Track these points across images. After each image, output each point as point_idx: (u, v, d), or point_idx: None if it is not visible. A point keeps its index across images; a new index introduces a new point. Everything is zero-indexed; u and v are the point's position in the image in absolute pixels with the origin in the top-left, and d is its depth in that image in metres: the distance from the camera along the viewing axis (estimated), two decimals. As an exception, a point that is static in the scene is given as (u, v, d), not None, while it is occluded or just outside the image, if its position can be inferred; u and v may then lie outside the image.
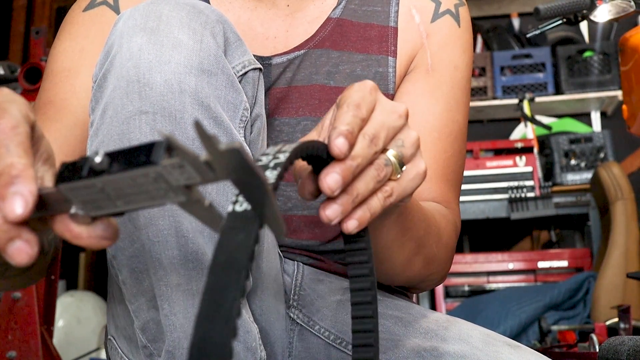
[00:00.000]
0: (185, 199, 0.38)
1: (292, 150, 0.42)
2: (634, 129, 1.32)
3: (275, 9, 0.85)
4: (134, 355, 0.69)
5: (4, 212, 0.36)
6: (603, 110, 3.57)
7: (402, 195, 0.52)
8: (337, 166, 0.46)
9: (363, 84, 0.51)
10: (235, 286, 0.33)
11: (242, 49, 0.67)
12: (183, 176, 0.36)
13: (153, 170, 0.36)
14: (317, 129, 0.53)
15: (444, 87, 0.84)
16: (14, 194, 0.36)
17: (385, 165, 0.50)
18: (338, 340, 0.73)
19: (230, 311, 0.32)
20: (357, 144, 0.48)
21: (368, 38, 0.84)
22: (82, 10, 0.83)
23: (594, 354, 1.52)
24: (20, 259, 0.37)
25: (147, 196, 0.37)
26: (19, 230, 0.37)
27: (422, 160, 0.53)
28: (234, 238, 0.35)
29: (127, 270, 0.62)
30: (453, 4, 0.88)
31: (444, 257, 0.76)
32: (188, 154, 0.35)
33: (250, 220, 0.36)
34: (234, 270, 0.33)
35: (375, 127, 0.49)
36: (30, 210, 0.37)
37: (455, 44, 0.86)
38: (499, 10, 3.77)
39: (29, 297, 1.68)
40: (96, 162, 0.36)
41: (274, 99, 0.82)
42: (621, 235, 2.38)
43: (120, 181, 0.36)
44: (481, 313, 2.48)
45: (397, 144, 0.51)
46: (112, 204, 0.38)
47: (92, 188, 0.37)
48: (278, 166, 0.40)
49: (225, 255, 0.34)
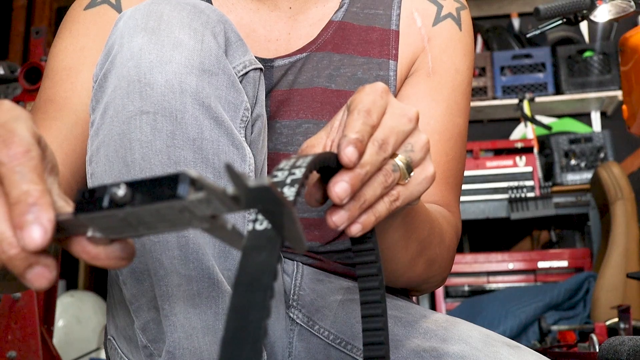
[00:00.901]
0: (208, 226, 0.37)
1: (307, 165, 0.42)
2: (634, 129, 1.32)
3: (278, 11, 0.86)
4: (133, 355, 0.69)
5: (23, 241, 0.36)
6: (603, 110, 3.57)
7: (409, 199, 0.52)
8: (345, 175, 0.46)
9: (374, 87, 0.51)
10: (260, 306, 0.32)
11: (243, 49, 0.67)
12: (209, 208, 0.36)
13: (179, 204, 0.35)
14: (327, 129, 0.53)
15: (445, 90, 0.84)
16: (32, 222, 0.36)
17: (393, 171, 0.50)
18: (338, 340, 0.73)
19: (256, 332, 0.32)
20: (366, 151, 0.48)
21: (369, 41, 0.84)
22: (83, 8, 0.83)
23: (594, 354, 1.52)
24: (39, 284, 0.37)
25: (170, 224, 0.37)
26: (37, 257, 0.37)
27: (431, 164, 0.53)
28: (257, 258, 0.35)
29: (128, 271, 0.62)
30: (455, 8, 0.88)
31: (446, 259, 0.76)
32: (216, 191, 0.35)
33: (272, 238, 0.36)
34: (258, 290, 0.33)
35: (385, 133, 0.49)
36: (50, 238, 0.36)
37: (456, 47, 0.86)
38: (499, 10, 3.77)
39: (29, 297, 1.68)
40: (119, 196, 0.35)
41: (275, 101, 0.82)
42: (621, 235, 2.38)
43: (143, 213, 0.36)
44: (481, 313, 2.48)
45: (407, 148, 0.51)
46: (133, 230, 0.37)
47: (112, 217, 0.36)
48: (295, 183, 0.40)
49: (248, 276, 0.34)
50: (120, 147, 0.59)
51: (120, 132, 0.59)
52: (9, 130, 0.39)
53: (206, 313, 0.60)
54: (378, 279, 0.53)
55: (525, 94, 3.26)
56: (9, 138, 0.38)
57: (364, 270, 0.53)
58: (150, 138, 0.58)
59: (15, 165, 0.37)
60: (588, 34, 3.65)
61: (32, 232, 0.36)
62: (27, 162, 0.38)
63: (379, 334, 0.52)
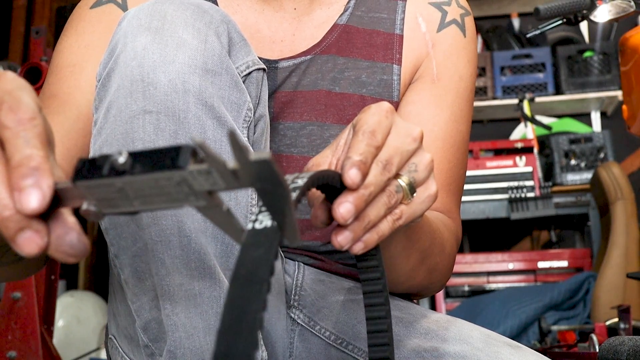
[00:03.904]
0: (205, 204, 0.38)
1: (309, 177, 0.43)
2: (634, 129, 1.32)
3: (282, 11, 0.86)
4: (134, 354, 0.69)
5: (20, 204, 0.36)
6: (603, 110, 3.57)
7: (412, 217, 0.53)
8: (349, 196, 0.47)
9: (379, 107, 0.52)
10: (256, 299, 0.33)
11: (246, 49, 0.67)
12: (208, 182, 0.36)
13: (178, 174, 0.35)
14: (332, 147, 0.53)
15: (449, 97, 0.84)
16: (32, 186, 0.36)
17: (397, 192, 0.51)
18: (339, 341, 0.73)
19: (252, 323, 0.32)
20: (370, 171, 0.48)
21: (374, 45, 0.85)
22: (89, 7, 0.83)
23: (594, 354, 1.52)
24: (29, 249, 0.37)
25: (167, 198, 0.37)
26: (30, 220, 0.37)
27: (434, 183, 0.54)
28: (254, 253, 0.35)
29: (130, 270, 0.62)
30: (459, 14, 0.88)
31: (446, 266, 0.77)
32: (218, 161, 0.35)
33: (270, 236, 0.36)
34: (255, 283, 0.34)
35: (390, 153, 0.50)
36: (47, 204, 0.36)
37: (460, 54, 0.86)
38: (499, 10, 3.77)
39: (29, 297, 1.68)
40: (119, 162, 0.36)
41: (279, 102, 0.82)
42: (621, 235, 2.38)
43: (141, 183, 0.36)
44: (481, 313, 2.48)
45: (410, 168, 0.52)
46: (129, 203, 0.38)
47: (110, 187, 0.37)
48: (296, 189, 0.41)
49: (245, 269, 0.34)
50: (123, 146, 0.59)
51: (123, 131, 0.59)
52: (16, 97, 0.39)
53: (207, 313, 0.60)
54: (383, 295, 0.54)
55: (525, 94, 3.26)
56: (15, 104, 0.39)
57: (369, 287, 0.54)
58: (153, 137, 0.58)
59: (21, 130, 0.38)
60: (588, 34, 3.65)
61: (30, 195, 0.36)
62: (32, 128, 0.38)
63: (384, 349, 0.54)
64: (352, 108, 0.82)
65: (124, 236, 0.61)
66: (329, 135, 0.81)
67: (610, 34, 3.51)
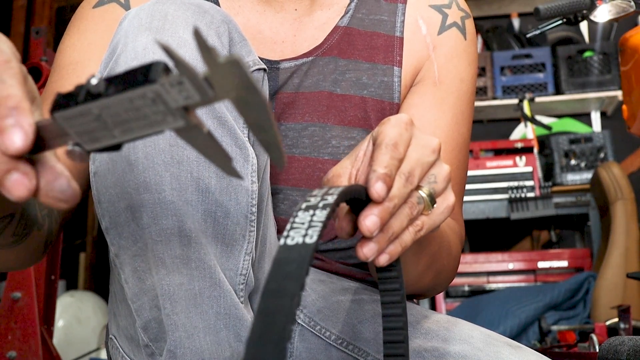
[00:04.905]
0: (183, 124, 0.37)
1: (339, 193, 0.44)
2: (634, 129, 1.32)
3: (284, 12, 0.86)
4: (135, 354, 0.69)
5: (4, 145, 0.35)
6: (603, 110, 3.57)
7: (432, 227, 0.54)
8: (375, 208, 0.48)
9: (399, 120, 0.52)
10: (287, 312, 0.34)
11: (246, 49, 0.67)
12: (181, 95, 0.35)
13: (150, 89, 0.35)
14: (351, 157, 0.54)
15: (451, 100, 0.84)
16: (13, 126, 0.35)
17: (418, 203, 0.52)
18: (339, 341, 0.73)
19: (281, 334, 0.33)
20: (394, 184, 0.49)
21: (374, 47, 0.85)
22: (92, 6, 0.83)
23: (594, 354, 1.52)
24: (19, 192, 0.36)
25: (145, 122, 0.37)
26: (17, 162, 0.36)
27: (451, 193, 0.55)
28: (286, 268, 0.36)
29: (130, 269, 0.62)
30: (459, 17, 0.88)
31: (452, 268, 0.78)
32: (187, 67, 0.35)
33: (302, 253, 0.37)
34: (285, 296, 0.35)
35: (411, 165, 0.51)
36: (31, 142, 0.36)
37: (461, 56, 0.86)
38: (499, 10, 3.77)
39: (29, 297, 1.68)
40: (92, 85, 0.35)
41: (280, 103, 0.82)
42: (621, 235, 2.38)
43: (117, 105, 0.36)
44: (481, 313, 2.48)
45: (430, 180, 0.53)
46: (110, 134, 0.37)
47: (88, 116, 0.36)
48: (327, 206, 0.42)
49: (276, 284, 0.35)
50: (124, 146, 0.59)
51: (123, 131, 0.59)
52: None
53: (207, 313, 0.60)
54: (401, 306, 0.55)
55: (525, 94, 3.26)
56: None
57: (388, 297, 0.55)
58: (153, 137, 0.58)
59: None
60: (588, 34, 3.65)
61: (13, 135, 0.35)
62: (7, 69, 0.38)
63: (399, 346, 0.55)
64: (353, 109, 0.82)
65: (124, 236, 0.61)
66: (331, 136, 0.81)
67: (610, 34, 3.51)
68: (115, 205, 0.60)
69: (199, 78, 0.35)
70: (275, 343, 0.33)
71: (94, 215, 3.50)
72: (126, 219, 0.60)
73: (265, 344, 0.33)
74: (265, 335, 0.33)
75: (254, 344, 0.33)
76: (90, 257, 3.53)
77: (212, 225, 0.60)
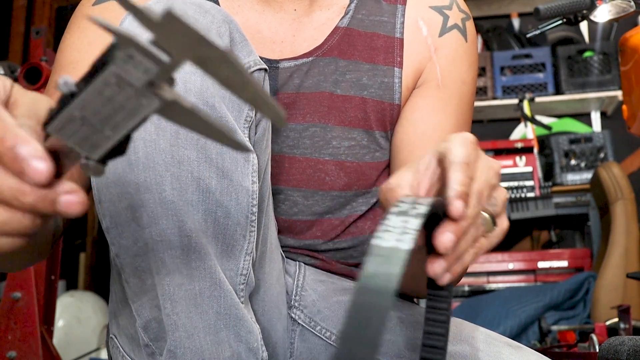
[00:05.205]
0: (159, 102, 0.36)
1: (429, 204, 0.44)
2: (634, 129, 1.32)
3: (283, 12, 0.86)
4: (135, 354, 0.69)
5: (32, 180, 0.36)
6: (603, 110, 3.57)
7: (487, 249, 0.54)
8: (452, 225, 0.48)
9: (466, 139, 0.52)
10: (382, 310, 0.35)
11: (247, 49, 0.67)
12: (139, 70, 0.35)
13: (109, 73, 0.34)
14: (412, 169, 0.54)
15: (453, 102, 0.85)
16: (24, 160, 0.36)
17: (482, 225, 0.52)
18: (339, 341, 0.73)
19: (376, 331, 0.34)
20: (469, 204, 0.49)
21: (375, 48, 0.85)
22: (92, 4, 0.83)
23: (594, 354, 1.52)
24: (76, 210, 0.37)
25: (125, 114, 0.36)
26: (53, 189, 0.37)
27: (506, 218, 0.54)
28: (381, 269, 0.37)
29: (130, 269, 0.62)
30: (460, 18, 0.88)
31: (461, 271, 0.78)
32: (127, 37, 0.34)
33: (398, 254, 0.38)
34: (382, 294, 0.35)
35: (481, 186, 0.51)
36: (52, 165, 0.36)
37: (463, 59, 0.86)
38: (499, 10, 3.77)
39: (29, 297, 1.68)
40: (60, 85, 0.36)
41: (281, 103, 0.82)
42: (621, 235, 2.38)
43: (91, 100, 0.36)
44: (481, 313, 2.48)
45: (492, 202, 0.53)
46: (102, 135, 0.37)
47: (74, 121, 0.36)
48: (419, 216, 0.42)
49: (375, 282, 0.36)
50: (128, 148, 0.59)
51: (123, 131, 0.59)
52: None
53: (208, 313, 0.60)
54: (445, 327, 0.55)
55: (525, 94, 3.25)
56: None
57: (434, 315, 0.55)
58: (154, 137, 0.58)
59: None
60: (588, 34, 3.65)
61: (31, 166, 0.35)
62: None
63: None
64: (354, 110, 0.82)
65: (124, 236, 0.61)
66: (332, 136, 0.81)
67: (610, 34, 3.51)
68: (116, 205, 0.60)
69: (145, 45, 0.34)
70: (369, 339, 0.34)
71: (94, 216, 3.50)
72: (127, 219, 0.60)
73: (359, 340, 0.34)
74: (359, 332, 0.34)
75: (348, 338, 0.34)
76: (90, 257, 3.53)
77: (212, 226, 0.60)
